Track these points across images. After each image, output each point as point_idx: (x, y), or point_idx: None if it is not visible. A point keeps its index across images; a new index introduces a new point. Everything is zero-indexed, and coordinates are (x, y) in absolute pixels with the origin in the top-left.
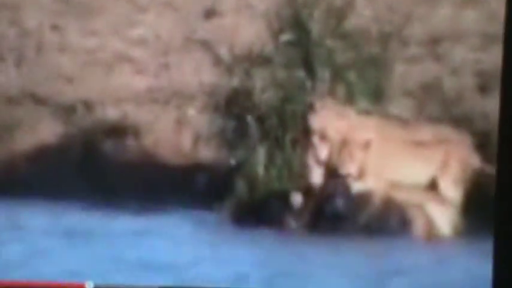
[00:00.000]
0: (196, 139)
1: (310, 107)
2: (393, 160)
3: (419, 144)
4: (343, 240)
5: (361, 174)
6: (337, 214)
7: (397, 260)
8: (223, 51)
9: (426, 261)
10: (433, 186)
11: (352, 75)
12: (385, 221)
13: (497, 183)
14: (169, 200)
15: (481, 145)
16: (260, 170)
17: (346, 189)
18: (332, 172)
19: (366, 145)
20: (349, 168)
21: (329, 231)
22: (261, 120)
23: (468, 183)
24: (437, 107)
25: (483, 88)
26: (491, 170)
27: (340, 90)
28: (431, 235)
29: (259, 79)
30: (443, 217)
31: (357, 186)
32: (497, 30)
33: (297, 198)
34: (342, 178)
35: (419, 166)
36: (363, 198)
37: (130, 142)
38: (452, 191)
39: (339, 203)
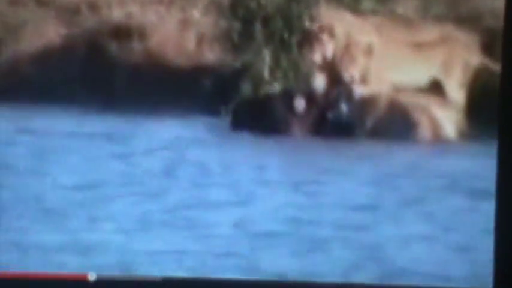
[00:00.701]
0: (201, 41)
1: (317, 4)
2: (395, 62)
3: (421, 44)
4: (348, 145)
5: (364, 79)
6: (341, 119)
7: (404, 162)
8: None
9: (432, 162)
10: (436, 88)
11: None
12: (390, 125)
13: (501, 83)
14: (174, 102)
15: (488, 44)
16: (265, 72)
17: (350, 93)
18: (335, 77)
19: (368, 49)
20: (352, 72)
21: (333, 137)
22: (266, 21)
23: (473, 84)
24: (443, 5)
25: None
26: (497, 68)
27: None
28: (437, 137)
29: None
30: (448, 119)
31: (360, 91)
32: None
33: (300, 103)
34: (344, 83)
35: (420, 67)
36: (367, 103)
37: (135, 43)
38: (456, 92)
39: (343, 108)
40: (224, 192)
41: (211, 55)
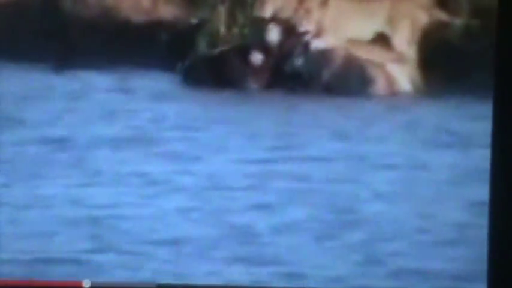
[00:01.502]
0: None
1: None
2: (347, 15)
3: None
4: (304, 99)
5: (319, 32)
6: (297, 72)
7: (363, 117)
8: None
9: (389, 119)
10: (383, 42)
11: None
12: (346, 79)
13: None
14: (129, 57)
15: (445, 1)
16: (222, 28)
17: (305, 47)
18: (290, 30)
19: (323, 2)
20: (307, 25)
21: (289, 90)
22: None
23: (425, 39)
24: None
25: None
26: (453, 21)
27: None
28: (393, 93)
29: None
30: (403, 74)
31: (315, 44)
32: None
33: (256, 57)
34: (300, 36)
35: (364, 21)
36: (323, 56)
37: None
38: (405, 45)
39: (298, 61)
40: (180, 147)
41: (167, 11)
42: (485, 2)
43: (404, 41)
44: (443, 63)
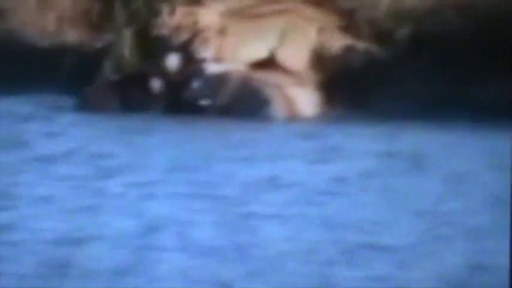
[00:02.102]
0: (62, 21)
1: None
2: (244, 40)
3: (258, 16)
4: (202, 122)
5: (218, 58)
6: (194, 97)
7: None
8: None
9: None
10: (281, 64)
11: None
12: (243, 102)
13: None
14: (34, 82)
15: (345, 25)
16: (126, 52)
17: (202, 72)
18: (189, 58)
19: (221, 30)
20: (204, 52)
21: (188, 114)
22: (127, 2)
23: (325, 61)
24: None
25: None
26: (354, 45)
27: None
28: (292, 115)
29: None
30: (303, 97)
31: (212, 69)
32: None
33: (156, 82)
34: (198, 63)
35: (261, 45)
36: (220, 80)
37: None
38: (301, 68)
39: (195, 85)
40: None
41: (72, 35)
42: (386, 26)
43: (301, 63)
44: (344, 86)
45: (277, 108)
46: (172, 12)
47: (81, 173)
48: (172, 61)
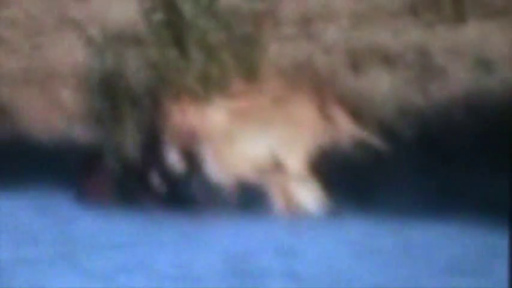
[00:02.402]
0: (71, 120)
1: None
2: (243, 141)
3: (263, 119)
4: (199, 221)
5: (218, 159)
6: (191, 197)
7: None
8: (95, 32)
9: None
10: (279, 164)
11: (225, 55)
12: (243, 202)
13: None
14: (40, 180)
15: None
16: (131, 150)
17: (202, 173)
18: (189, 159)
19: (220, 133)
20: (204, 154)
21: (187, 211)
22: (134, 101)
23: (323, 158)
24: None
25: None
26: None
27: (214, 70)
28: (293, 213)
29: (132, 60)
30: (306, 195)
31: (210, 169)
32: (366, 10)
33: (155, 179)
34: (197, 164)
35: (259, 146)
36: (218, 180)
37: (3, 123)
38: (300, 167)
39: (193, 185)
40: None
41: (81, 134)
42: (394, 124)
43: (299, 162)
44: (349, 182)
45: (279, 207)
46: (181, 111)
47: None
48: (173, 158)
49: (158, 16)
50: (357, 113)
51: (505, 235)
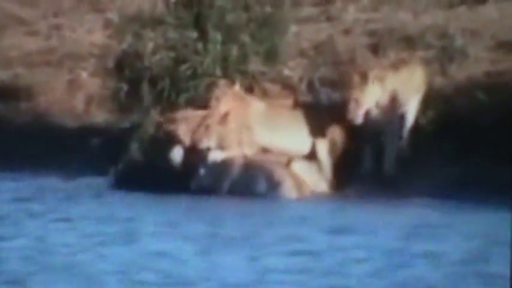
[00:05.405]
0: (89, 102)
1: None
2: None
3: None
4: (209, 202)
5: (222, 145)
6: (202, 184)
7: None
8: (114, 13)
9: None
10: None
11: (245, 36)
12: (251, 184)
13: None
14: (61, 161)
15: None
16: (152, 132)
17: (205, 160)
18: (193, 147)
19: (224, 118)
20: (207, 142)
21: (204, 196)
22: (153, 82)
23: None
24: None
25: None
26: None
27: (233, 51)
28: (301, 193)
29: (150, 41)
30: (313, 176)
31: (216, 156)
32: None
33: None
34: (202, 151)
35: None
36: (224, 166)
37: (22, 104)
38: (326, 155)
39: (201, 172)
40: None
41: (100, 115)
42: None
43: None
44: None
45: (287, 187)
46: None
47: None
48: (176, 154)
49: None
50: None
51: None
